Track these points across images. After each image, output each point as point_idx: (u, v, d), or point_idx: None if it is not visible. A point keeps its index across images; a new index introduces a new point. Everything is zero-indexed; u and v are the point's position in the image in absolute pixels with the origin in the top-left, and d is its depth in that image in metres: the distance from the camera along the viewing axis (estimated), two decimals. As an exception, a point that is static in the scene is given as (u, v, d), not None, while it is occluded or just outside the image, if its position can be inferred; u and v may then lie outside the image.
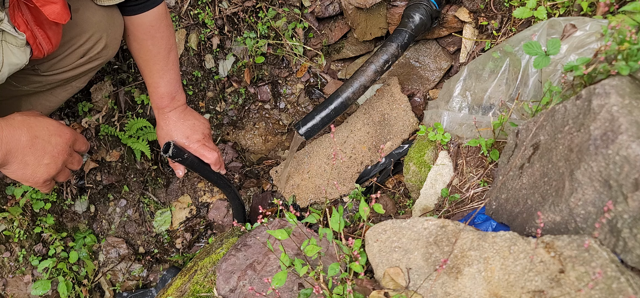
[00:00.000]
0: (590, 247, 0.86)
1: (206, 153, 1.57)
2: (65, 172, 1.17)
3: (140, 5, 1.38)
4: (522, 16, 1.42)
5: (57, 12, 1.01)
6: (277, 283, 0.94)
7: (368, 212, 1.03)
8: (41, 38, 1.09)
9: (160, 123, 1.57)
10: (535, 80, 1.32)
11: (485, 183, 1.34)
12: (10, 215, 1.60)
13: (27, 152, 1.03)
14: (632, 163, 0.81)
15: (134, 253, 1.87)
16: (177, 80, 1.54)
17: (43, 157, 1.07)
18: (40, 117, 1.09)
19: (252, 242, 1.22)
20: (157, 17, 1.42)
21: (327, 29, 2.18)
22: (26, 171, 1.05)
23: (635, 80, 0.90)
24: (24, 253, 1.62)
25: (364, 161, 1.85)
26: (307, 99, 2.23)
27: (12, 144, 1.01)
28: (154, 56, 1.46)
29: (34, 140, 1.04)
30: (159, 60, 1.47)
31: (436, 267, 0.96)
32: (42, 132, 1.06)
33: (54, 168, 1.10)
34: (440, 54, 2.03)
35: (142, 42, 1.44)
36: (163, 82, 1.50)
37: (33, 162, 1.05)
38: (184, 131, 1.56)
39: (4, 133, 0.99)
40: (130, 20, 1.41)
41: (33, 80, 1.41)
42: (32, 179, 1.08)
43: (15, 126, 1.02)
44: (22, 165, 1.04)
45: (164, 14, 1.44)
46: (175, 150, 1.50)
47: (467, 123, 1.45)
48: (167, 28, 1.46)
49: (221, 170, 1.64)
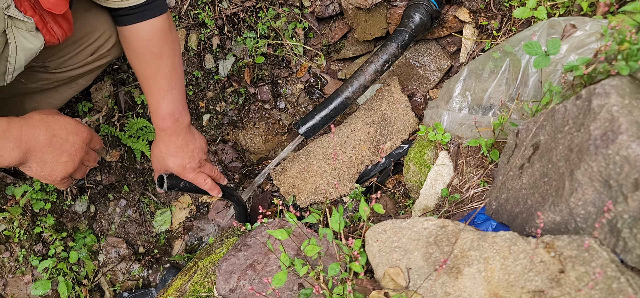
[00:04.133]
0: (590, 247, 0.86)
1: (202, 181, 1.46)
2: (82, 169, 1.18)
3: (137, 14, 1.23)
4: (522, 16, 1.43)
5: (52, 2, 1.00)
6: (277, 283, 0.94)
7: (368, 212, 1.03)
8: (52, 22, 1.09)
9: (160, 144, 1.40)
10: (535, 80, 1.32)
11: (485, 183, 1.34)
12: (10, 215, 1.60)
13: (45, 151, 1.05)
14: (632, 164, 0.81)
15: (134, 253, 1.87)
16: (181, 99, 1.37)
17: (61, 155, 1.08)
18: (58, 116, 1.10)
19: (252, 242, 1.22)
20: (158, 30, 1.27)
21: (327, 29, 2.18)
22: (45, 169, 1.06)
23: (635, 80, 0.90)
24: (24, 253, 1.62)
25: (364, 161, 1.85)
26: (307, 99, 2.23)
27: (31, 142, 1.02)
28: (154, 73, 1.30)
29: (52, 138, 1.05)
30: (161, 78, 1.31)
31: (436, 267, 0.96)
32: (60, 131, 1.07)
33: (72, 166, 1.11)
34: (440, 54, 2.03)
35: (141, 57, 1.29)
36: (165, 102, 1.33)
37: (51, 160, 1.06)
38: (181, 160, 1.40)
39: (23, 132, 1.00)
40: (126, 30, 1.27)
41: (41, 77, 1.41)
42: (50, 177, 1.09)
43: (34, 125, 1.03)
44: (41, 163, 1.05)
45: (167, 26, 1.28)
46: (170, 183, 1.42)
47: (467, 123, 1.45)
48: (171, 43, 1.30)
49: (221, 181, 1.55)
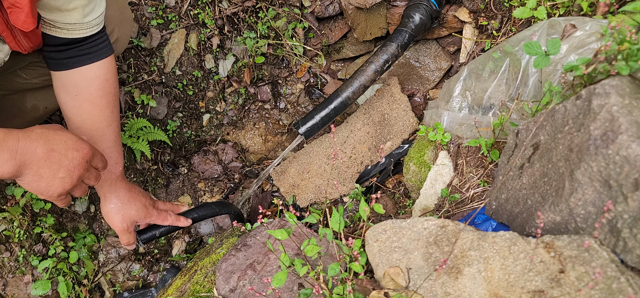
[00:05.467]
0: (590, 247, 0.86)
1: (170, 218, 1.48)
2: (82, 187, 1.15)
3: (83, 56, 1.21)
4: (522, 16, 1.42)
5: (22, 20, 0.99)
6: (277, 283, 0.94)
7: (368, 212, 1.03)
8: (20, 36, 1.07)
9: (109, 196, 1.36)
10: (535, 80, 1.32)
11: (485, 183, 1.34)
12: (10, 215, 1.60)
13: (42, 165, 1.02)
14: (632, 164, 0.81)
15: (134, 253, 1.87)
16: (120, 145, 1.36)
17: (58, 170, 1.05)
18: (60, 131, 1.08)
19: (252, 242, 1.22)
20: (104, 73, 1.24)
21: (327, 29, 2.18)
22: (40, 183, 1.04)
23: (635, 80, 0.90)
24: (24, 253, 1.62)
25: (364, 161, 1.85)
26: (307, 99, 2.23)
27: (27, 155, 1.00)
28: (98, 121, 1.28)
29: (50, 153, 1.03)
30: (109, 125, 1.30)
31: (436, 267, 0.96)
32: (59, 146, 1.05)
33: (69, 183, 1.08)
34: (440, 54, 2.03)
35: (80, 103, 1.25)
36: (115, 154, 1.33)
37: (48, 175, 1.04)
38: (137, 203, 1.40)
39: (20, 144, 0.99)
40: (66, 74, 1.23)
41: (44, 72, 1.40)
42: (46, 192, 1.07)
43: (33, 138, 1.01)
44: (36, 177, 1.03)
45: (111, 69, 1.26)
46: (147, 237, 1.47)
47: (467, 123, 1.45)
48: (113, 87, 1.28)
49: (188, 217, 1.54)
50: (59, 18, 1.13)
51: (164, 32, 1.98)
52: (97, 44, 1.23)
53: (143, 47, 1.95)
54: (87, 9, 1.15)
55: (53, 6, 1.09)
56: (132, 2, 1.93)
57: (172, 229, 1.53)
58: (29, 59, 1.36)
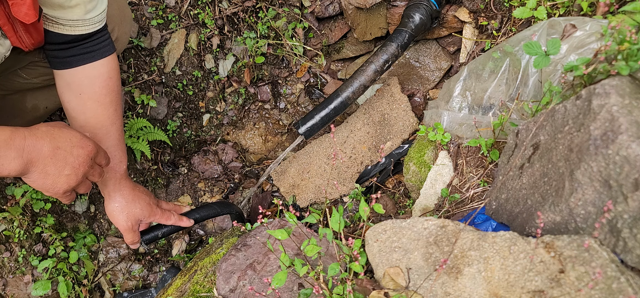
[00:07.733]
0: (590, 247, 0.86)
1: (172, 218, 1.48)
2: (86, 184, 1.16)
3: (86, 54, 1.21)
4: (522, 16, 1.42)
5: (24, 12, 0.99)
6: (277, 283, 0.94)
7: (368, 212, 1.03)
8: (22, 31, 1.08)
9: (113, 195, 1.37)
10: (535, 80, 1.32)
11: (485, 183, 1.34)
12: (10, 215, 1.60)
13: (48, 163, 1.04)
14: (632, 164, 0.81)
15: (134, 253, 1.87)
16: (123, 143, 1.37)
17: (64, 167, 1.06)
18: (65, 129, 1.09)
19: (252, 242, 1.22)
20: (107, 71, 1.25)
21: (327, 29, 2.18)
22: (47, 181, 1.06)
23: (635, 80, 0.90)
24: (24, 253, 1.62)
25: (364, 161, 1.85)
26: (307, 99, 2.23)
27: (33, 153, 1.01)
28: (104, 119, 1.29)
29: (56, 150, 1.04)
30: (113, 123, 1.30)
31: (436, 267, 0.96)
32: (65, 143, 1.06)
33: (75, 180, 1.10)
34: (440, 54, 2.03)
35: (84, 101, 1.25)
36: (119, 152, 1.34)
37: (54, 172, 1.05)
38: (141, 202, 1.40)
39: (27, 142, 1.00)
40: (70, 73, 1.24)
41: (44, 72, 1.40)
42: (52, 189, 1.08)
43: (39, 136, 1.02)
44: (42, 175, 1.04)
45: (114, 67, 1.26)
46: (149, 237, 1.47)
47: (467, 123, 1.45)
48: (116, 85, 1.29)
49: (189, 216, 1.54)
50: (62, 14, 1.13)
51: (164, 32, 1.98)
52: (100, 41, 1.23)
53: (143, 47, 1.95)
54: (89, 5, 1.15)
55: (55, 2, 1.10)
56: (132, 2, 1.93)
57: (174, 230, 1.53)
58: (29, 58, 1.36)
